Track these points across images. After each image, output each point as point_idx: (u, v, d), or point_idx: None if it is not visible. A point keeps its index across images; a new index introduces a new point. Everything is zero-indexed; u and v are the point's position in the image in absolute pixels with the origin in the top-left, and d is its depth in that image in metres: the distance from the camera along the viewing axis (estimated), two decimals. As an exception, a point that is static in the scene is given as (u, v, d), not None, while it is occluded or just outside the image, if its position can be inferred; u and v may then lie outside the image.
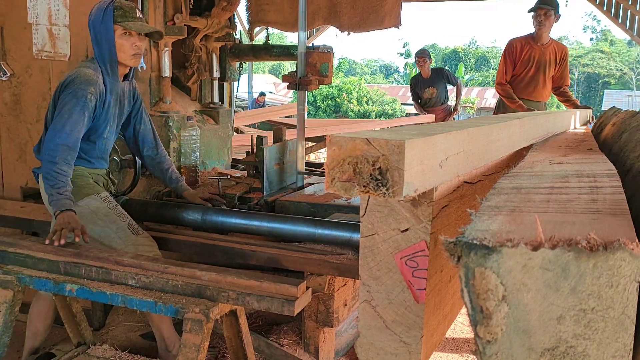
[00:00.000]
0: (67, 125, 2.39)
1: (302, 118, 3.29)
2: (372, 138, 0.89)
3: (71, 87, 2.42)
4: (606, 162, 1.41)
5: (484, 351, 0.61)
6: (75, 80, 2.44)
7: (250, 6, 4.59)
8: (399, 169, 0.86)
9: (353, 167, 0.90)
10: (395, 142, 0.86)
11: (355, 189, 0.90)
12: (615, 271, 0.57)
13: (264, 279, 1.91)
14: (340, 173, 0.90)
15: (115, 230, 2.51)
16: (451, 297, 1.33)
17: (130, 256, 2.20)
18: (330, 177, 0.91)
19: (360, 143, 0.89)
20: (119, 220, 2.54)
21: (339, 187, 0.91)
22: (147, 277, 1.99)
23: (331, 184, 0.92)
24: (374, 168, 0.88)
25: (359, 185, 0.89)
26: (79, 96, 2.41)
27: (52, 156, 2.36)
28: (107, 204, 2.56)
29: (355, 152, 0.89)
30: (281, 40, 30.25)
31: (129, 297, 1.94)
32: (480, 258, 0.59)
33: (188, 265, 2.08)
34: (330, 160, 0.91)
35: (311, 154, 6.20)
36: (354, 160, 0.89)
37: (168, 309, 1.88)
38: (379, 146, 0.87)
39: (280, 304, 1.82)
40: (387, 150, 0.86)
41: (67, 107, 2.40)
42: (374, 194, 0.89)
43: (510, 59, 4.73)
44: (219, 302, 1.89)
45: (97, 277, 2.06)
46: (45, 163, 2.38)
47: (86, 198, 2.52)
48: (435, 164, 1.01)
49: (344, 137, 0.92)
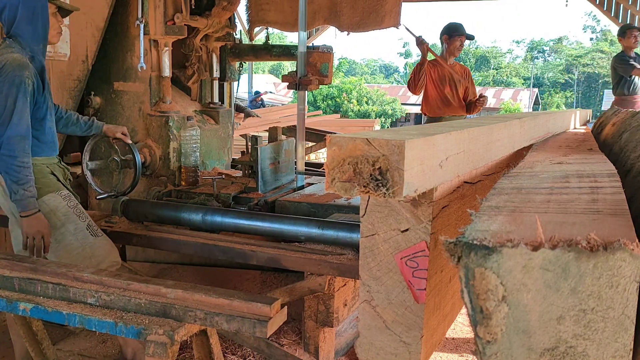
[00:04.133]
0: (14, 116, 2.27)
1: (302, 118, 3.29)
2: (372, 138, 0.89)
3: (4, 76, 2.28)
4: (606, 162, 1.41)
5: (484, 351, 0.61)
6: (5, 68, 2.29)
7: (250, 6, 4.58)
8: (399, 169, 0.86)
9: (353, 168, 0.89)
10: (395, 142, 0.86)
11: (356, 189, 0.90)
12: (615, 271, 0.57)
13: (234, 297, 1.77)
14: (340, 173, 0.90)
15: (73, 231, 2.43)
16: (451, 297, 1.33)
17: (91, 271, 2.05)
18: (331, 177, 0.91)
19: (361, 143, 0.89)
20: (78, 220, 2.45)
21: (339, 187, 0.91)
22: (108, 294, 1.86)
23: (331, 184, 0.91)
24: (374, 168, 0.88)
25: (359, 186, 0.89)
26: (17, 83, 2.28)
27: (9, 150, 2.25)
28: (67, 202, 2.46)
29: (356, 153, 0.89)
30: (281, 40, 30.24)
31: (87, 317, 1.80)
32: (481, 258, 0.59)
33: (153, 282, 1.94)
34: (330, 161, 0.91)
35: (311, 154, 6.19)
36: (354, 161, 0.89)
37: (129, 330, 1.74)
38: (379, 146, 0.87)
39: (252, 325, 1.69)
40: (388, 150, 0.86)
41: (10, 98, 2.27)
42: (374, 194, 0.89)
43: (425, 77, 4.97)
44: (186, 322, 1.76)
45: (54, 294, 1.92)
46: (4, 159, 2.26)
47: (46, 195, 2.41)
48: (435, 164, 1.01)
49: (344, 137, 0.91)
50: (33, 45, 2.42)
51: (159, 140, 3.29)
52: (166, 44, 3.24)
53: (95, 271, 2.07)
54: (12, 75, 2.28)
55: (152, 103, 3.28)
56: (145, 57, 3.17)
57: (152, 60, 3.24)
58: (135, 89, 3.32)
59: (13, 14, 2.39)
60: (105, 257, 2.48)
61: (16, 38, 2.41)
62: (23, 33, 2.40)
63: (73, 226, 2.44)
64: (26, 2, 2.39)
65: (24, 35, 2.41)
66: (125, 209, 2.92)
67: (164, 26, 3.19)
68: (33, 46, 2.42)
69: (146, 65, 3.19)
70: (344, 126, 9.53)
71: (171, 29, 3.20)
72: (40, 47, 2.46)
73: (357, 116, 19.45)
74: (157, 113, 3.26)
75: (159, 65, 3.26)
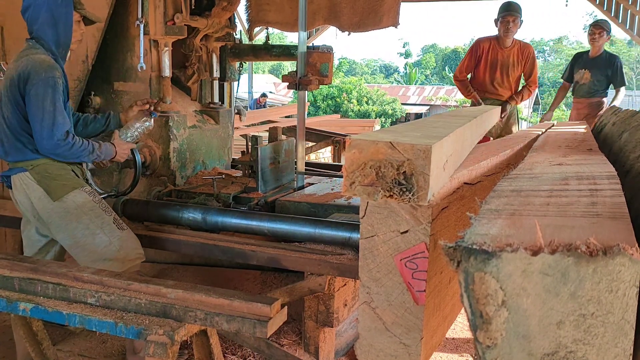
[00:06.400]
0: (58, 116, 2.34)
1: (302, 118, 3.29)
2: (396, 142, 0.87)
3: (37, 78, 2.32)
4: (606, 163, 1.40)
5: (484, 356, 0.61)
6: (37, 70, 2.33)
7: (250, 6, 4.58)
8: (424, 174, 0.85)
9: (376, 171, 0.88)
10: (421, 146, 0.85)
11: (380, 193, 0.88)
12: (614, 276, 0.57)
13: (234, 297, 1.77)
14: (361, 177, 0.89)
15: (101, 225, 2.45)
16: (451, 298, 1.33)
17: (91, 271, 2.05)
18: (350, 181, 0.90)
19: (384, 147, 0.87)
20: (104, 214, 2.48)
21: (360, 191, 0.89)
22: (108, 294, 1.85)
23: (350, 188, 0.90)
24: (398, 172, 0.86)
25: (383, 190, 0.88)
26: (51, 84, 2.33)
27: (67, 143, 2.36)
28: (92, 198, 2.49)
29: (378, 156, 0.88)
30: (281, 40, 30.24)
31: (88, 317, 1.79)
32: (480, 263, 0.59)
33: (153, 282, 1.94)
34: (349, 164, 0.89)
35: (311, 154, 6.19)
36: (377, 164, 0.88)
37: (129, 330, 1.73)
38: (403, 150, 0.86)
39: (252, 325, 1.68)
40: (413, 155, 0.85)
41: (48, 99, 2.32)
42: (399, 199, 0.87)
43: (475, 57, 5.00)
44: (186, 322, 1.75)
45: (54, 294, 1.91)
46: (69, 153, 2.39)
47: (71, 192, 2.44)
48: (441, 166, 1.00)
49: (365, 140, 0.90)
50: (54, 48, 2.46)
51: (159, 140, 3.29)
52: (166, 44, 3.24)
53: (95, 271, 2.07)
54: (45, 77, 2.33)
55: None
56: (145, 57, 3.17)
57: (152, 61, 3.24)
58: (135, 89, 3.31)
59: (36, 14, 2.43)
60: (132, 250, 2.50)
61: (39, 39, 2.45)
62: (45, 35, 2.45)
63: (100, 220, 2.46)
64: (50, 6, 2.42)
65: (45, 38, 2.45)
66: (125, 209, 2.93)
67: (164, 26, 3.18)
68: (54, 50, 2.46)
69: (146, 66, 3.18)
70: (344, 126, 9.53)
71: (171, 29, 3.20)
72: (61, 52, 2.50)
73: (357, 116, 19.45)
74: (157, 113, 3.26)
75: (159, 65, 3.25)
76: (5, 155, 2.49)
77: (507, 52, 4.90)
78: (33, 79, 2.32)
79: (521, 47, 4.94)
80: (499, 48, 4.91)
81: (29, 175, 2.43)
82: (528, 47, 4.98)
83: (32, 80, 2.33)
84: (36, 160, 2.42)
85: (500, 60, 4.90)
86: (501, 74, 4.92)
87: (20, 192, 2.46)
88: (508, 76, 4.93)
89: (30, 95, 2.33)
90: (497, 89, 4.98)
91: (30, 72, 2.33)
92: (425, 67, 45.05)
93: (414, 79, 33.46)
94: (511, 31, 4.81)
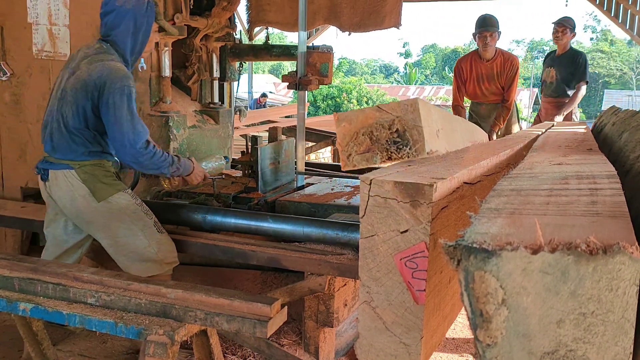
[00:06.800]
0: (137, 125, 2.38)
1: (302, 118, 3.29)
2: (382, 104, 0.88)
3: (114, 87, 2.34)
4: (606, 162, 1.40)
5: (484, 355, 0.61)
6: (112, 79, 2.34)
7: (251, 6, 4.58)
8: (417, 127, 0.85)
9: (369, 137, 0.88)
10: (408, 102, 0.86)
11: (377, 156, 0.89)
12: (614, 275, 0.57)
13: (234, 297, 1.77)
14: (356, 146, 0.89)
15: (142, 227, 2.46)
16: (451, 298, 1.33)
17: (91, 271, 2.05)
18: (346, 154, 0.90)
19: (371, 111, 0.88)
20: (146, 217, 2.49)
21: (358, 160, 0.90)
22: (108, 294, 1.86)
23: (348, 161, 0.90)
24: (391, 132, 0.87)
25: (380, 152, 0.88)
26: (127, 93, 2.36)
27: (150, 152, 2.41)
28: (135, 201, 2.50)
29: (368, 122, 0.89)
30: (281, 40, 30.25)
31: (88, 317, 1.80)
32: (480, 262, 0.59)
33: (153, 282, 1.95)
34: (342, 137, 0.90)
35: (311, 154, 6.19)
36: (368, 130, 0.89)
37: (129, 330, 1.73)
38: (391, 109, 0.87)
39: (252, 325, 1.69)
40: (401, 111, 0.86)
41: (125, 108, 2.35)
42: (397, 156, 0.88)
43: (461, 80, 5.12)
44: (186, 322, 1.75)
45: (54, 294, 1.92)
46: (148, 163, 2.43)
47: (116, 194, 2.45)
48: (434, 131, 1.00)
49: (352, 111, 0.91)
50: (128, 56, 2.49)
51: (159, 140, 3.29)
52: (166, 44, 3.24)
53: (95, 271, 2.07)
54: (121, 86, 2.35)
55: (152, 103, 3.28)
56: (146, 57, 3.17)
57: (152, 60, 3.24)
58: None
59: (118, 21, 2.44)
60: (169, 253, 2.51)
61: (115, 45, 2.46)
62: (121, 42, 2.47)
63: (142, 223, 2.47)
64: (135, 15, 2.44)
65: (121, 45, 2.47)
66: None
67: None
68: (127, 57, 2.49)
69: (146, 65, 3.19)
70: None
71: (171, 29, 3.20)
72: (133, 60, 2.53)
73: (357, 116, 19.43)
74: (157, 113, 3.26)
75: (159, 65, 3.25)
76: (52, 150, 2.46)
77: (489, 65, 4.96)
78: (109, 87, 2.33)
79: (504, 59, 4.97)
80: (481, 62, 4.98)
81: (75, 173, 2.41)
82: (512, 59, 4.99)
83: (109, 89, 2.33)
84: (85, 161, 2.43)
85: (485, 73, 4.98)
86: (489, 83, 5.01)
87: (61, 187, 2.44)
88: (496, 83, 5.01)
89: (108, 104, 2.34)
90: (488, 97, 5.09)
91: (106, 81, 2.33)
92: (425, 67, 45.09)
93: (414, 79, 33.49)
94: (489, 45, 4.88)
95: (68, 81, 2.42)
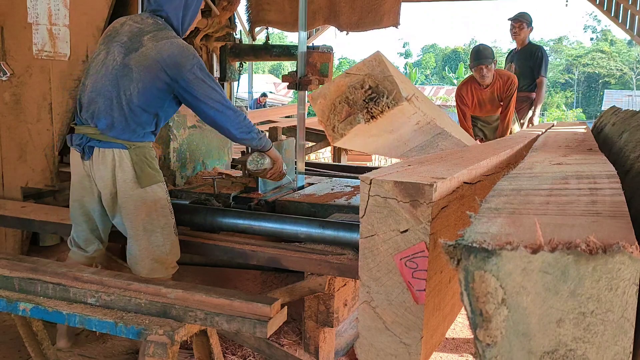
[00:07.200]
0: (224, 93, 2.39)
1: (302, 118, 3.29)
2: (349, 69, 0.90)
3: (191, 63, 2.29)
4: (606, 162, 1.40)
5: (484, 354, 0.61)
6: (185, 54, 2.29)
7: (251, 6, 4.59)
8: (387, 77, 0.86)
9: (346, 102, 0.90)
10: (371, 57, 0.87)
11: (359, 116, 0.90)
12: (614, 274, 0.57)
13: (234, 297, 1.78)
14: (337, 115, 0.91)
15: (163, 225, 2.40)
16: (451, 298, 1.33)
17: (91, 271, 2.04)
18: (330, 126, 0.91)
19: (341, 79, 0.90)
20: (170, 215, 2.43)
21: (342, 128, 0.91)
22: (108, 294, 1.86)
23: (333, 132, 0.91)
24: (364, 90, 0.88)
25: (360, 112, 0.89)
26: (203, 66, 2.33)
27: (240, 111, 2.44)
28: (167, 197, 2.44)
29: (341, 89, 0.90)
30: (281, 40, 30.25)
31: (88, 317, 1.80)
32: (480, 261, 0.59)
33: (153, 282, 1.95)
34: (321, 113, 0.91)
35: (311, 154, 6.19)
36: (344, 97, 0.90)
37: (129, 330, 1.74)
38: (358, 70, 0.89)
39: (252, 325, 1.69)
40: (368, 68, 0.87)
41: (208, 79, 2.33)
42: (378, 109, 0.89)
43: (464, 105, 5.12)
44: (186, 322, 1.76)
45: (54, 294, 1.92)
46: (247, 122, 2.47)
47: (155, 184, 2.38)
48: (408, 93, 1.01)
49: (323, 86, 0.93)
50: (178, 33, 2.43)
51: (159, 140, 3.28)
52: (166, 44, 3.23)
53: (95, 271, 2.07)
54: (196, 60, 2.31)
55: (152, 103, 3.27)
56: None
57: (152, 60, 3.23)
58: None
59: None
60: (175, 257, 2.48)
61: (168, 19, 2.40)
62: (173, 17, 2.41)
63: (164, 220, 2.41)
64: None
65: (172, 19, 2.41)
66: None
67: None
68: (178, 33, 2.43)
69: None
70: (344, 126, 9.53)
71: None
72: (181, 36, 2.46)
73: (357, 116, 19.44)
74: (157, 113, 3.26)
75: (159, 65, 3.25)
76: (107, 128, 2.31)
77: (488, 90, 4.96)
78: (186, 64, 2.28)
79: (503, 82, 4.96)
80: (480, 89, 4.97)
81: (127, 154, 2.31)
82: (510, 80, 4.95)
83: (187, 66, 2.28)
84: (141, 142, 2.34)
85: (485, 98, 5.00)
86: (491, 105, 5.03)
87: (107, 167, 2.32)
88: (497, 103, 5.03)
89: (191, 81, 2.30)
90: (490, 113, 5.13)
91: (180, 58, 2.28)
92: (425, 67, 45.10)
93: (414, 79, 33.50)
94: (486, 76, 4.87)
95: (130, 57, 2.29)
